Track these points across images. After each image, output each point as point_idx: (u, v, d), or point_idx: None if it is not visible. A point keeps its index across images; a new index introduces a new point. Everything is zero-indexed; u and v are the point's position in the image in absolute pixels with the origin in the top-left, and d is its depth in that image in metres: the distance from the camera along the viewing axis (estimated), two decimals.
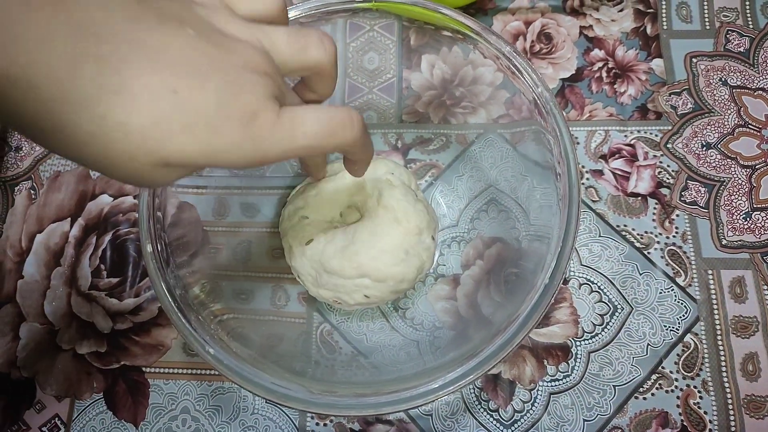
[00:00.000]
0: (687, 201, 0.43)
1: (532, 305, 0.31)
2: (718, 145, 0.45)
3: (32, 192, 0.47)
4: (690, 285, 0.41)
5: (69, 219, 0.46)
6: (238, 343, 0.31)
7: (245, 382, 0.28)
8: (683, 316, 0.41)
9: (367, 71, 0.47)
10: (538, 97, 0.34)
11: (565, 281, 0.42)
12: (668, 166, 0.44)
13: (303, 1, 0.36)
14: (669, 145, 0.45)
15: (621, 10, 0.49)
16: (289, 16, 0.37)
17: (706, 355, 0.40)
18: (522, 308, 0.31)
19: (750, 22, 0.48)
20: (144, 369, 0.42)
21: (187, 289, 0.33)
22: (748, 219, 0.43)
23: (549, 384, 0.40)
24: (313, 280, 0.39)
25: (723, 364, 0.40)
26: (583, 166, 0.45)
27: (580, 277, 0.42)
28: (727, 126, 0.45)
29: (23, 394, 0.42)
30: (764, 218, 0.43)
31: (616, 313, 0.41)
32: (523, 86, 0.35)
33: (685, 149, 0.45)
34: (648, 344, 0.40)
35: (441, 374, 0.29)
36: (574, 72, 0.47)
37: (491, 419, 0.39)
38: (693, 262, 0.42)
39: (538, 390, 0.40)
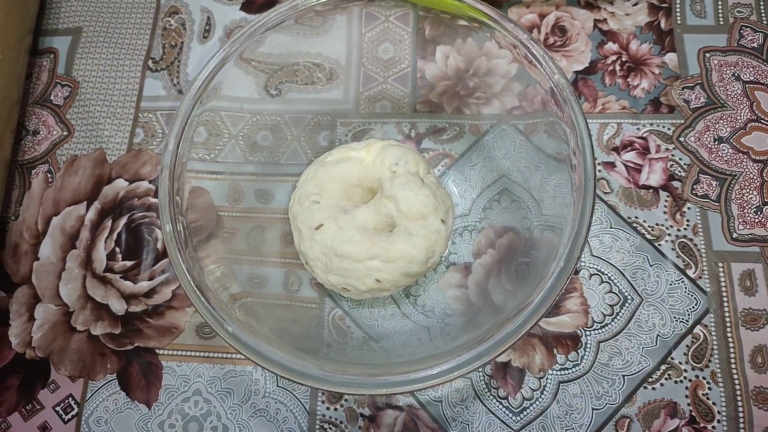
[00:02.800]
0: (698, 194, 0.43)
1: (544, 292, 0.31)
2: (731, 140, 0.45)
3: (49, 175, 0.47)
4: (700, 277, 0.42)
5: (85, 202, 0.46)
6: (254, 321, 0.31)
7: (263, 360, 0.29)
8: (693, 307, 0.41)
9: (381, 61, 0.47)
10: (555, 85, 0.34)
11: (576, 271, 0.42)
12: (680, 159, 0.44)
13: None
14: (681, 139, 0.45)
15: (635, 4, 0.49)
16: (305, 4, 0.37)
17: (715, 347, 0.40)
18: (534, 295, 0.31)
19: (764, 18, 0.48)
20: (157, 351, 0.42)
21: (203, 269, 0.33)
22: (759, 213, 0.43)
23: (558, 372, 0.40)
24: (322, 266, 0.39)
25: (732, 355, 0.40)
26: (595, 158, 0.45)
27: (590, 268, 0.42)
28: (740, 120, 0.45)
29: (38, 374, 0.42)
30: None
31: (626, 304, 0.41)
32: (539, 75, 0.35)
33: (698, 143, 0.45)
34: (657, 335, 0.40)
35: (452, 357, 0.30)
36: (587, 65, 0.48)
37: (500, 406, 0.40)
38: (703, 255, 0.42)
39: (547, 378, 0.40)
